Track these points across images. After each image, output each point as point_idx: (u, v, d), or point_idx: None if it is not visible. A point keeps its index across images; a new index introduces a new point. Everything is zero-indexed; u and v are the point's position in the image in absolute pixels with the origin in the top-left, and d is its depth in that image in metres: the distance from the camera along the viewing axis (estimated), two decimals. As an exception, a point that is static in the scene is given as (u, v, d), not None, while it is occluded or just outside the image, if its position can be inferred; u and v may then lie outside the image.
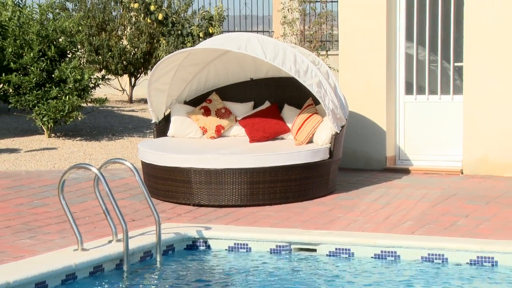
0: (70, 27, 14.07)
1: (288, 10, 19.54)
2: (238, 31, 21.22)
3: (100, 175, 7.18)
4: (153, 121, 10.77)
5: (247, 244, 7.82)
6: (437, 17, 11.24)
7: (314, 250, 7.66)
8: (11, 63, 13.41)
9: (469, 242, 7.43)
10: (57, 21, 13.99)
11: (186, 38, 17.64)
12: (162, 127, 10.69)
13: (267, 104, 10.79)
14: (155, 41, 17.88)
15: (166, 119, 10.73)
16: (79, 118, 13.62)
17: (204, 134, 10.60)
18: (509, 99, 10.70)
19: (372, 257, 7.48)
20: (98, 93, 15.01)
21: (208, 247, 7.90)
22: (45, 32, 13.52)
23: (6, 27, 14.25)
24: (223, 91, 11.01)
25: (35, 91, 13.30)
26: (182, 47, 16.76)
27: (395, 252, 7.43)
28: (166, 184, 9.48)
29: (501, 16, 10.68)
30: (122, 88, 19.17)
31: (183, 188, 9.35)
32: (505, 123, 10.74)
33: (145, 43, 17.80)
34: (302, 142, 9.96)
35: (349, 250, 7.56)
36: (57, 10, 16.34)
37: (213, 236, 7.92)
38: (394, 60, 11.38)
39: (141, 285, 6.97)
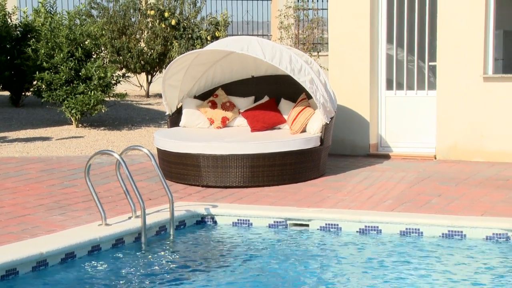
0: (95, 31, 14.07)
1: (284, 16, 19.53)
2: (240, 35, 21.20)
3: (121, 160, 7.20)
4: (167, 113, 10.79)
5: (248, 220, 7.85)
6: (414, 23, 11.24)
7: (307, 225, 7.69)
8: (44, 62, 13.42)
9: (441, 218, 7.45)
10: (84, 26, 13.99)
11: (195, 41, 17.62)
12: (174, 118, 10.71)
13: (266, 98, 10.80)
14: (168, 43, 17.86)
15: (178, 111, 10.75)
16: (103, 111, 13.65)
17: (211, 124, 10.62)
18: (476, 95, 10.72)
19: (357, 231, 7.51)
20: (119, 89, 14.99)
21: (215, 222, 7.93)
22: (73, 36, 13.52)
23: (40, 32, 14.29)
24: (227, 87, 11.01)
25: (64, 87, 13.31)
26: (192, 49, 16.74)
27: (377, 227, 7.47)
28: (178, 168, 9.52)
29: (470, 21, 10.69)
30: (140, 84, 19.15)
31: (193, 171, 9.38)
32: (472, 115, 10.76)
33: (160, 45, 17.78)
34: (297, 131, 9.98)
35: (337, 225, 7.59)
36: (84, 17, 16.33)
37: (219, 213, 7.95)
38: (376, 60, 11.39)
39: (156, 255, 7.00)
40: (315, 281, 6.36)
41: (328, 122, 9.85)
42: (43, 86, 13.66)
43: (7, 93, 16.62)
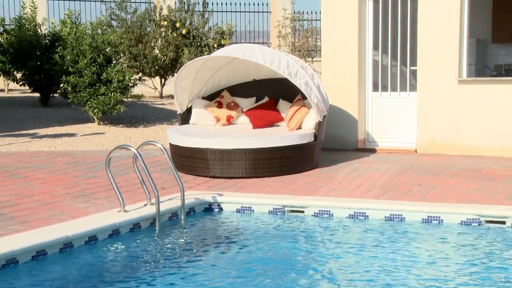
0: (115, 40, 14.05)
1: (282, 26, 19.54)
2: (243, 43, 21.18)
3: (138, 153, 7.19)
4: (178, 112, 10.77)
5: (251, 207, 7.83)
6: (397, 32, 11.21)
7: (302, 212, 7.67)
8: (70, 67, 13.40)
9: (421, 205, 7.44)
10: (105, 35, 13.97)
11: (203, 48, 17.60)
12: (185, 117, 10.69)
13: (266, 99, 10.77)
14: (179, 50, 17.85)
15: (188, 111, 10.74)
16: (122, 110, 13.64)
17: (217, 122, 10.60)
18: (451, 96, 10.70)
19: (347, 217, 7.49)
20: (136, 90, 14.98)
21: (221, 209, 7.91)
22: (95, 44, 13.50)
23: (66, 40, 14.28)
24: (232, 89, 10.99)
25: (87, 89, 13.29)
26: (201, 55, 16.73)
27: (365, 213, 7.45)
28: (188, 160, 9.50)
29: (446, 31, 10.67)
30: (154, 86, 19.14)
31: (201, 164, 9.36)
32: (448, 114, 10.74)
33: (172, 52, 17.77)
34: (293, 128, 9.96)
35: (329, 211, 7.57)
36: (105, 27, 16.36)
37: (224, 201, 7.93)
38: (364, 64, 11.36)
39: (169, 238, 6.99)
40: (308, 257, 6.37)
41: (321, 120, 9.83)
42: (69, 88, 13.66)
43: (37, 94, 16.63)
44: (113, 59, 14.11)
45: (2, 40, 15.67)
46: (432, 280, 5.70)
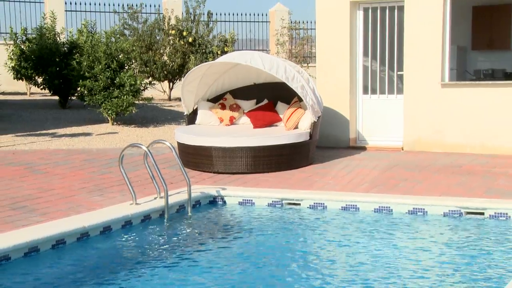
0: (127, 47, 14.04)
1: (280, 35, 19.53)
2: (245, 50, 21.18)
3: (148, 151, 7.20)
4: (185, 113, 10.78)
5: (251, 200, 7.83)
6: (385, 40, 11.22)
7: (299, 204, 7.67)
8: (86, 73, 13.42)
9: (407, 198, 7.44)
10: (118, 43, 13.96)
11: (208, 55, 17.60)
12: (191, 118, 10.69)
13: (265, 101, 10.78)
14: (186, 57, 17.84)
15: (194, 112, 10.74)
16: (133, 111, 13.62)
17: (221, 122, 10.60)
18: (435, 98, 10.71)
19: (339, 209, 7.49)
20: (146, 93, 15.01)
21: (224, 202, 7.90)
22: (109, 51, 13.50)
23: (83, 48, 14.27)
24: (234, 92, 11.00)
25: (102, 92, 13.30)
26: (205, 61, 16.73)
27: (356, 205, 7.45)
28: (194, 157, 9.50)
29: (430, 38, 10.68)
30: (163, 90, 19.14)
31: (206, 161, 9.36)
32: (432, 115, 10.75)
33: (179, 58, 17.76)
34: (290, 128, 9.96)
35: (323, 204, 7.57)
36: (118, 35, 16.31)
37: (227, 194, 7.93)
38: (355, 70, 11.37)
39: (177, 228, 7.00)
40: (304, 245, 6.38)
41: (316, 120, 9.83)
42: (85, 92, 13.66)
43: (56, 97, 16.63)
44: (125, 65, 14.11)
45: (24, 48, 15.68)
46: (415, 264, 5.71)
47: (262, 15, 22.96)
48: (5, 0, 19.72)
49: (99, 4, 20.87)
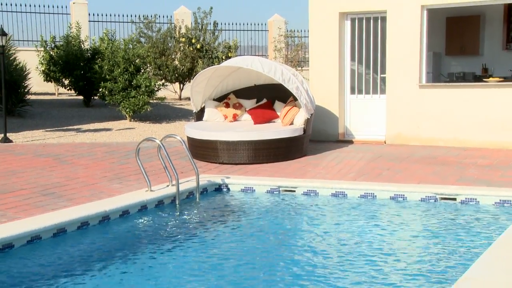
0: (143, 53, 14.07)
1: (277, 42, 19.49)
2: (246, 55, 21.16)
3: (161, 144, 7.21)
4: (193, 111, 10.77)
5: (252, 187, 7.83)
6: (370, 46, 11.21)
7: (294, 191, 7.68)
8: (107, 75, 13.43)
9: (389, 185, 7.43)
10: (135, 49, 13.98)
11: (214, 60, 17.58)
12: (199, 115, 10.69)
13: (264, 100, 10.77)
14: (195, 61, 17.82)
15: (202, 110, 10.73)
16: (148, 110, 13.66)
17: (225, 119, 10.60)
18: (413, 98, 10.70)
19: (330, 195, 7.49)
20: (160, 94, 15.03)
21: (228, 189, 7.90)
22: (127, 56, 13.51)
23: (104, 53, 14.27)
24: (237, 92, 10.99)
25: (121, 93, 13.32)
26: (212, 65, 16.72)
27: (344, 192, 7.46)
28: (202, 150, 9.50)
29: (409, 45, 10.66)
30: (174, 90, 19.14)
31: (212, 153, 9.37)
32: (411, 112, 10.74)
33: (188, 63, 17.73)
34: (287, 124, 9.96)
35: (315, 190, 7.57)
36: (135, 43, 16.30)
37: (231, 183, 7.93)
38: (343, 73, 11.35)
39: (187, 213, 7.01)
40: (298, 227, 6.38)
41: (309, 117, 9.83)
42: (106, 92, 13.68)
43: (81, 97, 16.66)
44: (141, 68, 14.12)
45: (53, 54, 15.69)
46: (398, 241, 5.73)
47: (262, 24, 22.94)
48: (36, 12, 19.74)
49: (119, 15, 20.87)
